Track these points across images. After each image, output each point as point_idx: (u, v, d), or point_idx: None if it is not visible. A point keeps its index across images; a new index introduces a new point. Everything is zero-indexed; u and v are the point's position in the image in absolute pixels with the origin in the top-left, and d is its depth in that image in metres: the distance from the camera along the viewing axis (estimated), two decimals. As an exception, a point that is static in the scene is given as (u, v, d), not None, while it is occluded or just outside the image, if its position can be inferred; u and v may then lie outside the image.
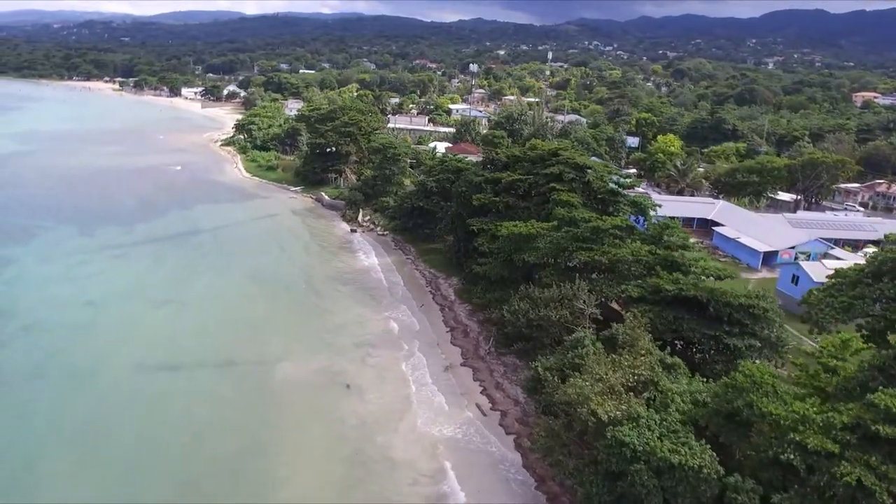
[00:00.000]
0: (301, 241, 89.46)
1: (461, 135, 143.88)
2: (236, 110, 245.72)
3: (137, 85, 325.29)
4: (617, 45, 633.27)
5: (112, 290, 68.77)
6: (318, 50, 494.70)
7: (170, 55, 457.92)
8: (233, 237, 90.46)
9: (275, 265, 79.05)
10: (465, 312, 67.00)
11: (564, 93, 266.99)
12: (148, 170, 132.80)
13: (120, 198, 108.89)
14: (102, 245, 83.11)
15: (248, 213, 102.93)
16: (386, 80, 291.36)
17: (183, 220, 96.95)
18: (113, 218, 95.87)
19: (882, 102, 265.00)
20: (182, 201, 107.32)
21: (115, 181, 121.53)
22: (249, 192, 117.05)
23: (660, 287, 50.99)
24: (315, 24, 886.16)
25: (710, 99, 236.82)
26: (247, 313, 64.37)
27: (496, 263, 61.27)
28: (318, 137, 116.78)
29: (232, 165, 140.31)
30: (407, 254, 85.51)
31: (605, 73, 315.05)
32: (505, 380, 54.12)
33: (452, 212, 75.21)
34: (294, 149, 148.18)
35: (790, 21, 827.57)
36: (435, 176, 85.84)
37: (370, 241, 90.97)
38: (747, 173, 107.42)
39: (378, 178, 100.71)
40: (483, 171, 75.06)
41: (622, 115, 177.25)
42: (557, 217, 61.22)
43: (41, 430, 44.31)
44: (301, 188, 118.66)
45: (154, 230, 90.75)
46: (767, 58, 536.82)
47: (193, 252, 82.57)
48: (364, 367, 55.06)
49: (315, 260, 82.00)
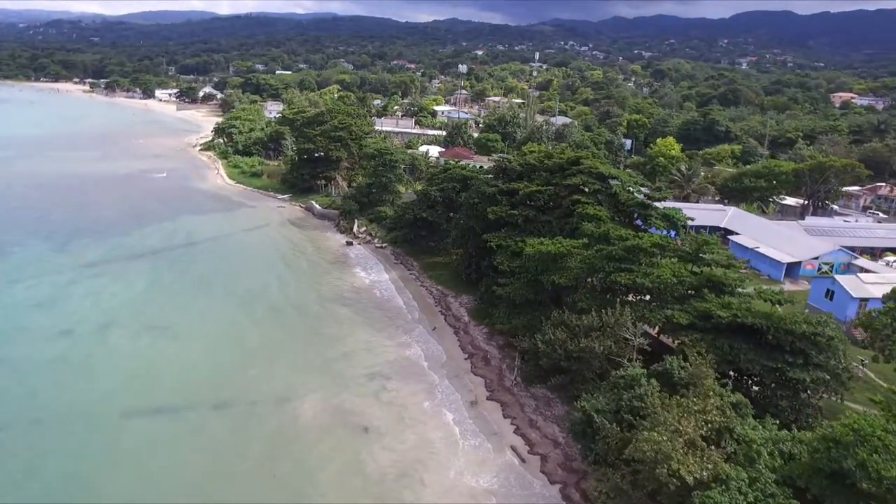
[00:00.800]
0: (294, 256, 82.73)
1: (453, 138, 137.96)
2: (213, 112, 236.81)
3: (109, 86, 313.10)
4: (592, 45, 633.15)
5: (90, 316, 61.49)
6: (294, 50, 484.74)
7: (141, 56, 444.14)
8: (220, 252, 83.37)
9: (268, 284, 72.26)
10: (482, 336, 61.15)
11: (547, 93, 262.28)
12: (126, 177, 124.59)
13: (96, 208, 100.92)
14: (79, 263, 75.48)
15: (235, 224, 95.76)
16: (366, 81, 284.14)
17: (165, 232, 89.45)
18: (89, 231, 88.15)
19: (860, 103, 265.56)
20: (163, 212, 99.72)
21: (90, 190, 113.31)
22: (234, 200, 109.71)
23: (710, 312, 45.72)
24: (289, 24, 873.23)
25: (694, 100, 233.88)
26: (242, 342, 57.72)
27: (520, 284, 55.44)
28: (307, 142, 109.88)
29: (213, 172, 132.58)
30: (410, 269, 79.32)
31: (586, 74, 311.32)
32: (538, 416, 48.36)
33: (463, 225, 69.26)
34: (278, 153, 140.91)
35: (759, 22, 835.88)
36: (438, 185, 79.83)
37: (368, 254, 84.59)
38: (754, 178, 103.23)
39: (373, 186, 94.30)
40: (496, 180, 69.21)
41: (612, 117, 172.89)
42: (586, 233, 55.73)
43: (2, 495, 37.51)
44: (289, 196, 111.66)
45: (134, 245, 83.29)
46: (741, 58, 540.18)
47: (178, 270, 75.34)
48: (380, 405, 48.84)
49: (311, 277, 75.35)
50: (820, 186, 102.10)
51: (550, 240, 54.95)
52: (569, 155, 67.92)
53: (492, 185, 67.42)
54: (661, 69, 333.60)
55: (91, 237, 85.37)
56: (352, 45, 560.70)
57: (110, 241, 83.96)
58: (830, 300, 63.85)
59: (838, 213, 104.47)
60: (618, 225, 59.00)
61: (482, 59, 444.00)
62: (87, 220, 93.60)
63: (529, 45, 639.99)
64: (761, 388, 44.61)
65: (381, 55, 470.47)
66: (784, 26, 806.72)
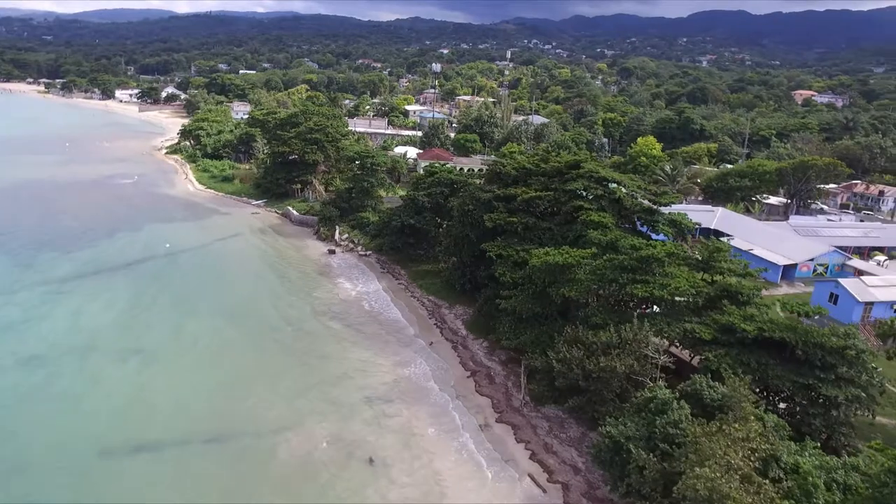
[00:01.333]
0: (275, 267, 78.10)
1: (429, 139, 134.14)
2: (177, 114, 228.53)
3: (66, 87, 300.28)
4: (556, 44, 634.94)
5: (66, 340, 56.17)
6: (257, 49, 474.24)
7: (98, 55, 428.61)
8: (195, 264, 78.26)
9: (249, 299, 67.62)
10: (482, 351, 57.77)
11: (517, 92, 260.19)
12: (91, 183, 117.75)
13: (62, 218, 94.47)
14: (48, 280, 69.65)
15: (209, 233, 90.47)
16: (334, 81, 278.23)
17: (137, 244, 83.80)
18: (56, 243, 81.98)
19: (820, 100, 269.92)
20: (133, 221, 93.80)
21: (54, 198, 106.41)
22: (206, 207, 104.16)
23: (734, 326, 43.12)
24: (250, 23, 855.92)
25: (664, 98, 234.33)
26: (228, 365, 53.23)
27: (525, 297, 52.07)
28: (281, 145, 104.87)
29: (182, 177, 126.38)
30: (398, 278, 75.47)
31: (554, 72, 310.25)
32: (553, 439, 45.18)
33: (456, 233, 65.69)
34: (249, 157, 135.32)
35: (716, 21, 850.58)
36: (425, 190, 76.09)
37: (353, 263, 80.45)
38: (738, 177, 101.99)
39: (353, 191, 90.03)
40: (490, 185, 65.79)
41: (587, 116, 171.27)
42: (593, 242, 52.74)
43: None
44: (263, 202, 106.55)
45: (106, 258, 77.54)
46: (700, 56, 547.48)
47: (156, 285, 70.07)
48: (384, 433, 45.06)
49: (295, 290, 70.91)
50: (802, 185, 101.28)
51: (556, 249, 51.75)
52: (567, 159, 64.87)
53: (486, 191, 64.00)
54: (628, 67, 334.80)
55: (59, 250, 79.30)
56: (315, 44, 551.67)
57: (80, 255, 78.06)
58: (834, 304, 62.15)
59: (822, 213, 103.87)
60: (623, 232, 56.30)
61: (448, 57, 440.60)
62: (53, 231, 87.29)
63: (493, 43, 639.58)
64: (789, 406, 42.18)
65: (345, 54, 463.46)
66: (739, 25, 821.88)
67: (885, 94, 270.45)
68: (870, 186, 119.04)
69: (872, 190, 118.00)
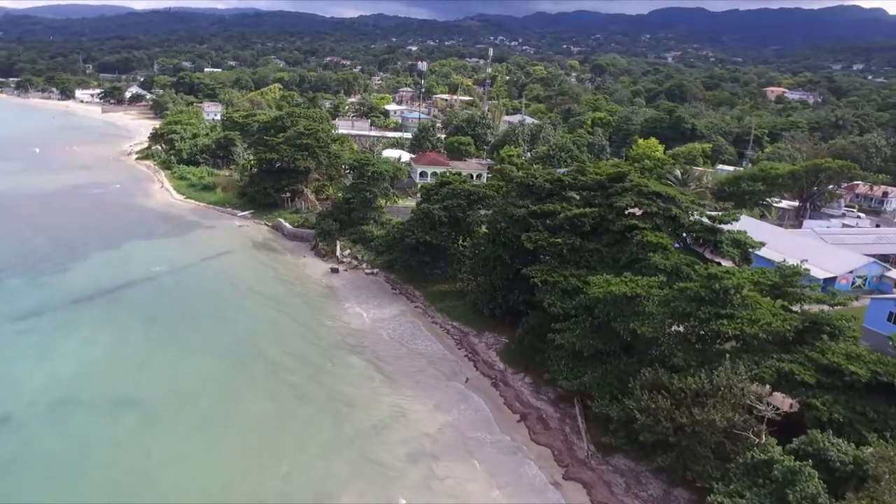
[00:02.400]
0: (273, 290, 69.94)
1: (420, 141, 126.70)
2: (144, 115, 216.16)
3: (21, 86, 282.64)
4: (522, 40, 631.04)
5: (34, 392, 47.51)
6: (221, 47, 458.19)
7: (53, 52, 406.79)
8: (183, 289, 69.63)
9: (251, 331, 59.59)
10: (526, 388, 51.07)
11: (493, 90, 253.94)
12: (56, 194, 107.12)
13: (26, 234, 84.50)
14: (13, 313, 60.31)
15: (194, 250, 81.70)
16: (306, 79, 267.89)
17: (113, 265, 74.60)
18: (20, 267, 72.40)
19: (792, 97, 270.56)
20: (107, 238, 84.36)
21: (15, 212, 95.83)
22: (188, 220, 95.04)
23: (839, 367, 37.34)
24: (210, 19, 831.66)
25: (643, 95, 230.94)
26: (242, 419, 45.38)
27: (582, 331, 45.53)
28: (268, 152, 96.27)
29: (157, 185, 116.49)
30: (413, 300, 68.24)
31: (528, 70, 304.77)
32: (635, 500, 38.77)
33: (485, 252, 58.85)
34: (228, 162, 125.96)
35: (675, 18, 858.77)
36: (441, 202, 68.94)
37: (359, 283, 72.89)
38: (751, 181, 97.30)
39: (354, 202, 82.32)
40: (520, 199, 59.02)
41: (574, 115, 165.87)
42: (657, 268, 46.55)
43: None
44: (250, 213, 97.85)
45: (79, 284, 68.39)
46: (665, 52, 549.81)
47: (137, 317, 61.38)
48: (438, 498, 38.07)
49: (301, 318, 63.07)
50: (818, 188, 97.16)
51: (619, 278, 45.33)
52: (607, 170, 58.55)
53: (520, 206, 57.27)
54: (600, 64, 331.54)
55: (24, 276, 69.84)
56: (280, 41, 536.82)
57: (52, 281, 68.79)
58: (894, 324, 57.10)
59: (833, 216, 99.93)
60: (683, 253, 50.30)
61: (417, 55, 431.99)
62: (19, 251, 77.42)
63: (460, 40, 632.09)
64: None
65: (312, 51, 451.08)
66: (698, 23, 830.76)
67: (852, 91, 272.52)
68: (873, 187, 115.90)
69: (876, 191, 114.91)
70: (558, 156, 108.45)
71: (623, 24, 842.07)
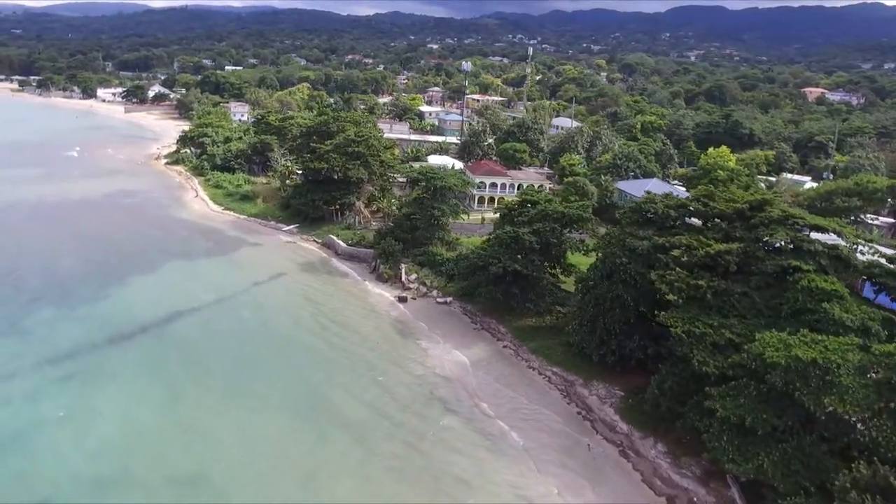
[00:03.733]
0: (339, 324, 60.93)
1: (469, 148, 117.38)
2: (168, 115, 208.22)
3: (42, 85, 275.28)
4: (541, 39, 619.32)
5: (77, 462, 38.96)
6: (241, 45, 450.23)
7: (73, 50, 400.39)
8: (236, 322, 60.68)
9: (323, 380, 50.62)
10: (662, 458, 41.95)
11: (526, 90, 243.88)
12: (83, 204, 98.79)
13: (55, 253, 76.01)
14: (42, 356, 51.67)
15: (242, 273, 72.91)
16: (332, 79, 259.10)
17: (154, 292, 65.96)
18: (49, 293, 63.86)
19: (833, 98, 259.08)
20: (144, 257, 75.85)
21: (39, 225, 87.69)
22: (229, 235, 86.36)
23: None
24: (227, 17, 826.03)
25: (682, 97, 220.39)
26: (329, 497, 36.59)
27: (751, 401, 36.31)
28: (317, 161, 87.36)
29: (191, 193, 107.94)
30: (499, 337, 59.15)
31: (557, 69, 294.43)
32: None
33: (597, 290, 49.75)
34: (264, 168, 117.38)
35: (694, 16, 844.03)
36: (530, 225, 59.79)
37: (433, 314, 63.85)
38: (846, 196, 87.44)
39: (419, 220, 73.28)
40: (640, 229, 49.84)
41: (622, 119, 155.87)
42: (838, 322, 37.31)
43: None
44: (296, 227, 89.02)
45: (116, 316, 59.74)
46: (687, 51, 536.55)
47: (188, 360, 52.61)
48: None
49: (377, 361, 54.09)
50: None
51: (797, 337, 36.06)
52: (743, 196, 49.20)
53: (642, 238, 48.08)
54: (630, 63, 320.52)
55: (58, 305, 61.29)
56: (298, 39, 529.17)
57: (87, 312, 60.19)
58: None
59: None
60: (861, 303, 40.98)
61: (439, 53, 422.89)
62: (47, 275, 68.89)
63: (479, 38, 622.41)
64: None
65: (332, 49, 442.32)
66: (716, 21, 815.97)
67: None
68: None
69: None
70: (625, 165, 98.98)
71: (641, 22, 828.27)
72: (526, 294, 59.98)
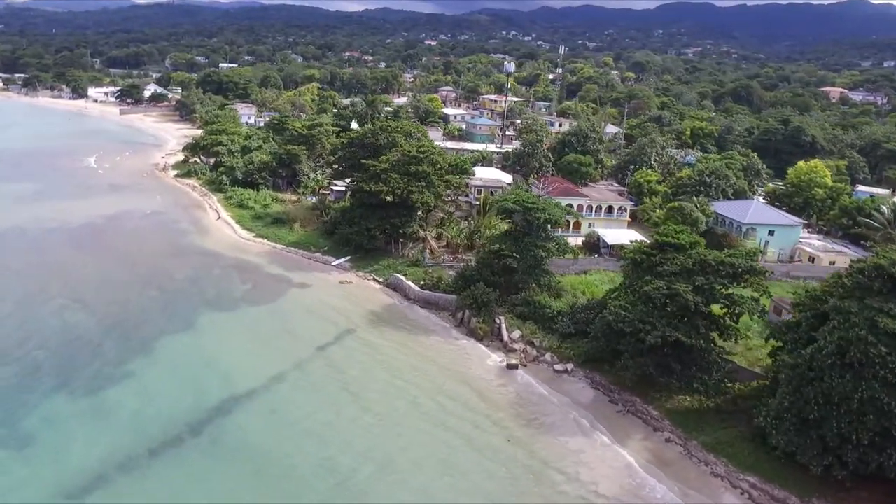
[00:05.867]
0: (444, 409, 46.01)
1: (524, 159, 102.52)
2: (166, 117, 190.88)
3: (28, 84, 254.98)
4: (535, 36, 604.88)
5: None
6: (234, 41, 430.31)
7: (59, 46, 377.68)
8: (315, 412, 45.44)
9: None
10: None
11: (540, 90, 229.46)
12: (84, 230, 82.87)
13: (57, 303, 59.98)
14: (53, 481, 36.57)
15: (299, 330, 57.39)
16: (337, 77, 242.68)
17: (190, 366, 50.22)
18: (57, 372, 48.03)
19: (855, 98, 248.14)
20: (168, 306, 60.21)
21: (33, 259, 71.52)
22: (270, 273, 70.68)
23: None
24: (215, 13, 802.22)
25: (710, 97, 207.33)
26: None
27: None
28: (371, 181, 72.28)
29: (212, 215, 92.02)
30: (654, 424, 44.59)
31: (570, 68, 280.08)
32: None
33: (826, 384, 35.57)
34: (291, 183, 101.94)
35: (683, 13, 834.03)
36: (689, 279, 45.42)
37: (557, 390, 49.31)
38: None
39: (519, 263, 58.47)
40: (874, 298, 35.67)
41: (665, 124, 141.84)
42: None
43: None
44: (347, 260, 73.79)
45: (149, 408, 44.13)
46: (685, 48, 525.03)
47: (263, 484, 37.67)
48: None
49: (517, 476, 39.43)
50: None
51: None
52: None
53: (891, 314, 34.00)
54: (640, 62, 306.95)
55: (66, 391, 45.48)
56: (290, 36, 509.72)
57: (106, 401, 44.51)
58: None
59: None
60: None
61: (438, 50, 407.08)
62: (49, 339, 52.86)
63: (472, 35, 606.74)
64: None
65: (328, 46, 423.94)
66: (707, 18, 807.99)
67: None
68: None
69: None
70: (714, 183, 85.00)
71: (631, 19, 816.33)
72: (687, 368, 45.64)
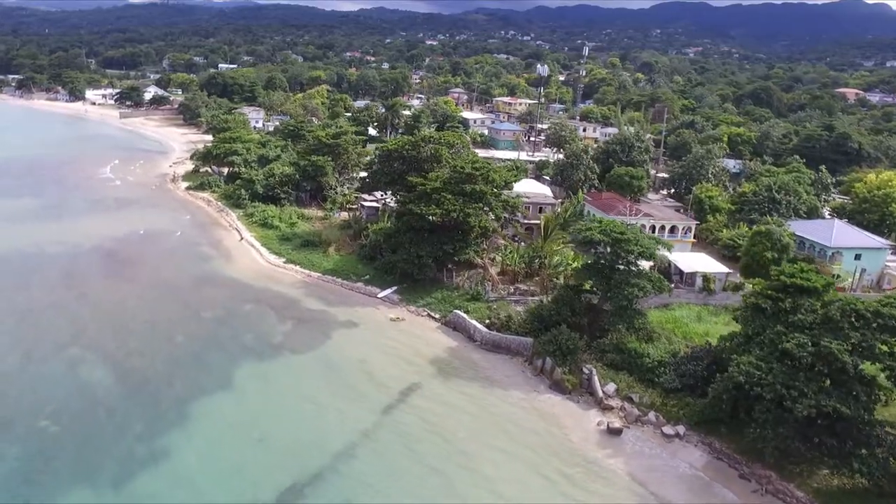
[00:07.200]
0: (556, 485, 38.02)
1: (567, 172, 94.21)
2: (169, 121, 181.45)
3: (23, 85, 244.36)
4: (534, 35, 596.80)
5: None
6: (231, 41, 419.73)
7: (53, 46, 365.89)
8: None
9: None
10: None
11: (554, 92, 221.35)
12: (98, 257, 73.89)
13: (70, 359, 50.59)
14: None
15: (355, 384, 48.91)
16: (344, 79, 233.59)
17: (235, 441, 41.52)
18: (77, 457, 39.28)
19: (873, 99, 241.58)
20: (199, 359, 51.29)
21: (35, 295, 62.43)
22: (309, 308, 61.86)
23: None
24: (210, 12, 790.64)
25: (730, 100, 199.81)
26: None
27: None
28: (421, 201, 63.81)
29: (233, 235, 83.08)
30: (809, 516, 36.79)
31: (579, 68, 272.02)
32: None
33: None
34: (316, 197, 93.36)
35: (678, 13, 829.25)
36: (841, 336, 37.34)
37: (670, 462, 41.17)
38: None
39: (611, 304, 50.27)
40: None
41: (701, 130, 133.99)
42: None
43: None
44: (393, 291, 65.21)
45: (188, 497, 35.95)
46: (685, 48, 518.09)
47: None
48: None
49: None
50: None
51: None
52: None
53: None
54: (649, 62, 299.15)
55: (74, 482, 36.48)
56: (288, 35, 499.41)
57: (124, 498, 35.94)
58: None
59: None
60: None
61: (440, 50, 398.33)
62: (64, 407, 43.86)
63: (470, 34, 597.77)
64: None
65: (327, 46, 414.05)
66: (703, 17, 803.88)
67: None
68: None
69: None
70: (786, 201, 77.11)
71: (627, 18, 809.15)
72: (843, 444, 37.54)
